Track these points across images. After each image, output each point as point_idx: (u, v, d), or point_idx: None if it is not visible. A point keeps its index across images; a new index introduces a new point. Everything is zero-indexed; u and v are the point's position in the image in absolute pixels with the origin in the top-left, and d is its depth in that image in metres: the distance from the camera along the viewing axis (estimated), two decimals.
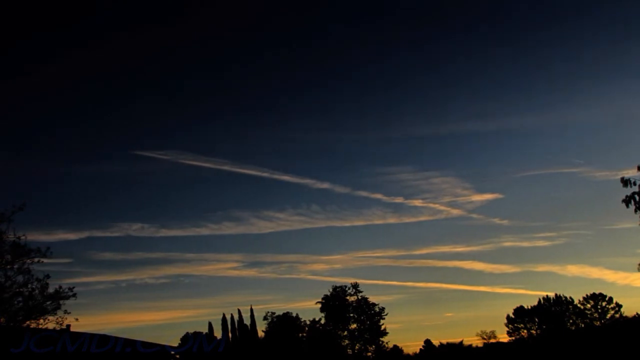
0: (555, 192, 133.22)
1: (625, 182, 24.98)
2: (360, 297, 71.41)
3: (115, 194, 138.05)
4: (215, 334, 74.66)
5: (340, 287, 72.01)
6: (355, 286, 71.89)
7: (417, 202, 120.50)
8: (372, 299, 71.47)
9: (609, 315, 74.20)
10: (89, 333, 22.19)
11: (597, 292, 75.67)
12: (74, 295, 28.71)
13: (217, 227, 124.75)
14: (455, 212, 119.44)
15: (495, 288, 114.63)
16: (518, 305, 79.61)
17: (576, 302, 76.18)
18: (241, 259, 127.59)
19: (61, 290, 28.44)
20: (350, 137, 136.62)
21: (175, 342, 60.24)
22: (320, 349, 67.38)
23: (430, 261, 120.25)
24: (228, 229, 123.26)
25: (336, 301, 70.68)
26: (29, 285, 27.85)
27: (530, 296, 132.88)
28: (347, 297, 71.41)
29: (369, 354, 70.95)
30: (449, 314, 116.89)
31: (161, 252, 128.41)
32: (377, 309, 70.78)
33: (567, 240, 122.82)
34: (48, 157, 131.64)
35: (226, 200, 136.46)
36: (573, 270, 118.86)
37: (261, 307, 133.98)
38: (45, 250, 28.43)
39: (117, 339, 22.11)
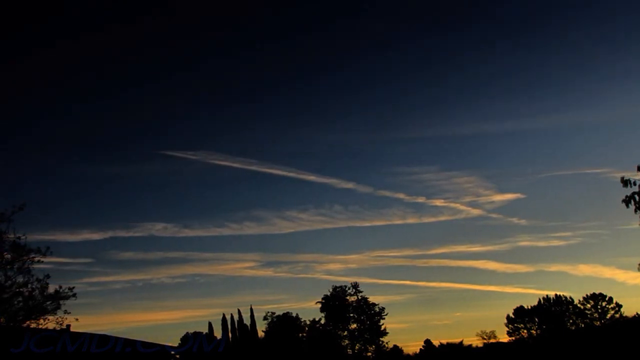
0: (575, 193, 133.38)
1: (625, 182, 24.92)
2: (360, 297, 71.48)
3: (141, 194, 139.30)
4: (215, 334, 74.76)
5: (340, 287, 72.12)
6: (355, 286, 71.98)
7: (439, 202, 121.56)
8: (382, 298, 72.42)
9: (609, 315, 74.15)
10: (89, 333, 22.20)
11: (604, 291, 75.81)
12: (74, 295, 28.70)
13: (238, 227, 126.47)
14: (475, 211, 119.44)
15: (506, 288, 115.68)
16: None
17: (576, 302, 76.25)
18: (259, 259, 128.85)
19: (61, 290, 28.44)
20: (376, 137, 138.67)
21: (175, 342, 60.31)
22: (320, 349, 67.37)
23: (444, 261, 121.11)
24: (249, 228, 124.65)
25: (336, 301, 70.67)
26: (29, 285, 27.86)
27: (539, 296, 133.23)
28: (347, 297, 71.45)
29: (369, 354, 70.95)
30: (458, 314, 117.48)
31: (181, 252, 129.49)
32: (377, 309, 70.83)
33: (582, 240, 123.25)
34: (73, 157, 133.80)
35: (250, 200, 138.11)
36: (585, 269, 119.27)
37: (274, 306, 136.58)
38: (45, 250, 28.46)
39: (117, 339, 22.11)
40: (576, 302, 76.12)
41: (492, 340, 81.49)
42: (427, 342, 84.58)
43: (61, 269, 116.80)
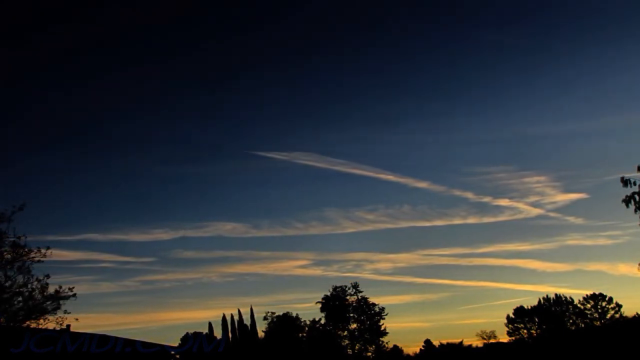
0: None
1: (626, 182, 24.96)
2: (360, 297, 71.50)
3: (217, 193, 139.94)
4: (215, 334, 74.73)
5: (340, 287, 72.13)
6: (355, 286, 72.01)
7: (504, 202, 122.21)
8: (416, 297, 71.77)
9: (609, 315, 74.15)
10: (89, 333, 22.21)
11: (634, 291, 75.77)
12: (74, 295, 28.75)
13: (303, 227, 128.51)
14: (536, 211, 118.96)
15: (539, 287, 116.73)
16: None
17: (576, 302, 76.29)
18: (312, 258, 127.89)
19: (61, 290, 28.48)
20: (455, 137, 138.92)
21: (175, 342, 60.28)
22: (320, 349, 67.36)
23: (489, 260, 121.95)
24: (313, 228, 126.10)
25: (336, 301, 70.69)
26: (29, 285, 27.90)
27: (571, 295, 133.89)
28: (347, 297, 71.48)
29: (369, 354, 70.95)
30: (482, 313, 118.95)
31: (238, 251, 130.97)
32: (377, 309, 70.86)
33: (629, 239, 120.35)
34: (147, 158, 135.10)
35: (321, 199, 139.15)
36: (622, 269, 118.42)
37: (309, 305, 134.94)
38: (45, 250, 28.48)
39: (117, 339, 22.11)
40: (576, 302, 76.26)
41: (492, 340, 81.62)
42: (427, 342, 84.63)
43: (122, 267, 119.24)
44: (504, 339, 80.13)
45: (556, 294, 77.63)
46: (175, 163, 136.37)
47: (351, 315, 70.80)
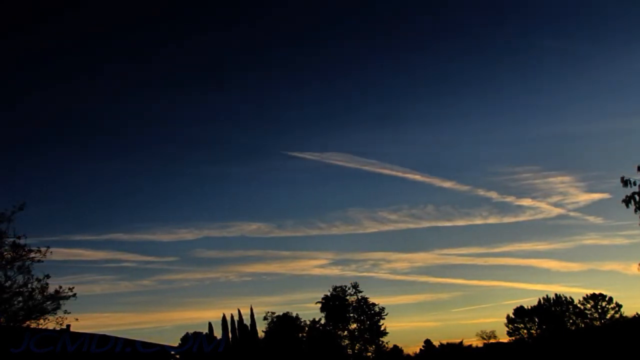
0: None
1: (625, 182, 24.99)
2: (360, 297, 71.47)
3: (246, 193, 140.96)
4: (215, 334, 74.69)
5: (340, 287, 72.07)
6: (355, 286, 71.96)
7: (526, 202, 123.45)
8: (431, 296, 71.65)
9: (609, 315, 74.16)
10: (89, 333, 22.20)
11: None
12: (74, 295, 28.73)
13: (326, 227, 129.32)
14: (557, 211, 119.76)
15: (550, 286, 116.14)
16: None
17: (576, 302, 76.26)
18: (331, 257, 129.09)
19: (61, 290, 28.48)
20: (482, 138, 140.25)
21: (175, 342, 60.27)
22: (320, 349, 67.34)
23: (504, 259, 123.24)
24: (336, 228, 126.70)
25: (336, 301, 70.65)
26: (29, 285, 27.89)
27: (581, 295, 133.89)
28: (347, 297, 71.44)
29: (369, 354, 70.92)
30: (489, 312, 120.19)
31: (259, 251, 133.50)
32: (377, 309, 70.81)
33: None
34: (180, 159, 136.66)
35: (346, 199, 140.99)
36: (635, 269, 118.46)
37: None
38: (45, 250, 28.47)
39: (117, 339, 22.11)
40: (576, 302, 76.24)
41: (492, 341, 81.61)
42: (427, 342, 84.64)
43: (143, 267, 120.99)
44: (504, 339, 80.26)
45: (556, 294, 77.76)
46: (209, 164, 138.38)
47: (351, 315, 70.77)
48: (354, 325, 70.64)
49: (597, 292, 76.10)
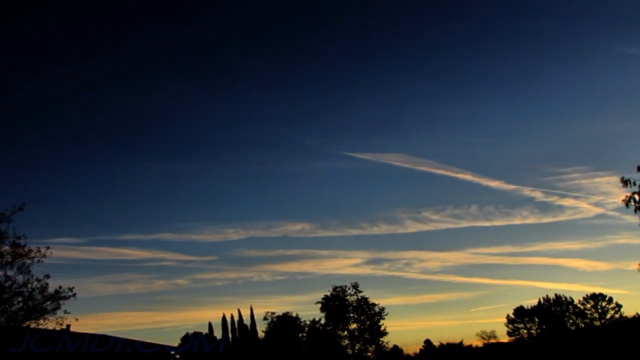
0: None
1: (625, 182, 25.02)
2: (360, 297, 71.42)
3: (296, 193, 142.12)
4: (215, 334, 74.69)
5: (340, 287, 72.03)
6: (355, 286, 71.90)
7: (568, 202, 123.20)
8: (454, 295, 71.37)
9: (609, 315, 74.14)
10: (89, 333, 22.21)
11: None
12: (74, 295, 28.71)
13: (368, 226, 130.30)
14: (595, 210, 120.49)
15: (573, 285, 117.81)
16: None
17: (576, 302, 76.24)
18: (366, 256, 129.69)
19: (61, 290, 28.46)
20: (532, 138, 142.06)
21: (175, 342, 60.26)
22: (320, 349, 67.31)
23: (534, 259, 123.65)
24: (377, 228, 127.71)
25: (336, 301, 70.61)
26: (29, 285, 27.88)
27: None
28: (347, 297, 71.39)
29: (369, 354, 70.87)
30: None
31: (297, 250, 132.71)
32: (377, 309, 70.77)
33: None
34: (233, 159, 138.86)
35: (394, 199, 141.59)
36: None
37: None
38: (45, 251, 28.46)
39: (117, 339, 22.12)
40: (576, 302, 76.21)
41: (492, 341, 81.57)
42: (427, 342, 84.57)
43: (181, 266, 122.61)
44: (504, 339, 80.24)
45: (556, 294, 77.77)
46: (261, 164, 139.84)
47: (351, 315, 70.73)
48: (354, 325, 70.61)
49: (620, 292, 76.36)
